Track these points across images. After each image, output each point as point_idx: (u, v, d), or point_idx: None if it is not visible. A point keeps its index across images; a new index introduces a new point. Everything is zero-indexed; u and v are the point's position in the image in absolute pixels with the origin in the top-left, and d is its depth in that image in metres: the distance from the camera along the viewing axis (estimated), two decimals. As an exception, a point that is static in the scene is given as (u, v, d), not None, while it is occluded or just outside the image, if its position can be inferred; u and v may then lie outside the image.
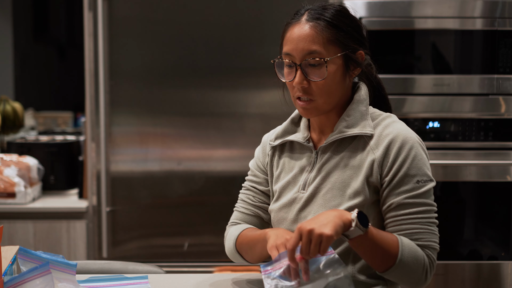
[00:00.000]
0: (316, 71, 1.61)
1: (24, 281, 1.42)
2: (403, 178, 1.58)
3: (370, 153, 1.61)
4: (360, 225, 1.45)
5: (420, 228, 1.57)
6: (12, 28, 6.25)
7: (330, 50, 1.61)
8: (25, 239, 3.05)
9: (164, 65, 3.08)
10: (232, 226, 1.81)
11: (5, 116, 3.62)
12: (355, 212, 1.45)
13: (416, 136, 1.62)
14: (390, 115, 1.69)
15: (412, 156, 1.58)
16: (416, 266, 1.54)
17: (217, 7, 3.05)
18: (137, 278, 1.78)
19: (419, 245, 1.56)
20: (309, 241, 1.42)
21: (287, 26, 1.67)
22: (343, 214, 1.46)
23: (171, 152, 3.10)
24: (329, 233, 1.40)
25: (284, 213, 1.70)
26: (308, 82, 1.61)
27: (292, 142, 1.75)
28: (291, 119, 1.78)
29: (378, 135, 1.62)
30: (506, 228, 2.89)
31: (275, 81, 1.75)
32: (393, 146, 1.59)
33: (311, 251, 1.42)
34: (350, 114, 1.66)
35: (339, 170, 1.63)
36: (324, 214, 1.46)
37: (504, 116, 2.86)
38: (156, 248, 3.12)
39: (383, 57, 1.79)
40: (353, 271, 1.61)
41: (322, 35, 1.60)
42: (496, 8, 2.83)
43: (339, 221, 1.44)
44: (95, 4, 3.02)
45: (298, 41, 1.62)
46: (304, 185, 1.67)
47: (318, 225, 1.42)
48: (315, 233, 1.41)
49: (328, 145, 1.67)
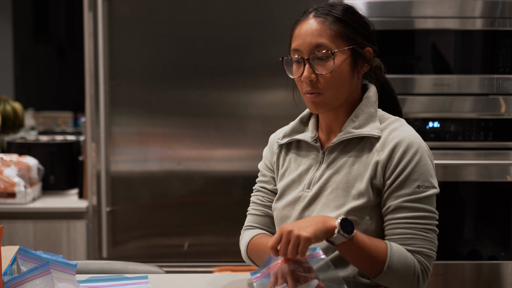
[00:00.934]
0: (324, 64, 1.62)
1: (24, 281, 1.42)
2: (404, 181, 1.57)
3: (375, 155, 1.61)
4: (343, 233, 1.46)
5: (414, 234, 1.56)
6: (12, 28, 6.25)
7: (337, 43, 1.62)
8: (25, 239, 3.05)
9: (164, 65, 3.08)
10: (246, 231, 1.82)
11: (5, 116, 3.62)
12: (339, 219, 1.46)
13: (423, 143, 1.62)
14: (398, 119, 1.69)
15: (416, 160, 1.58)
16: (406, 272, 1.53)
17: (217, 7, 3.05)
18: (137, 278, 1.78)
19: (411, 251, 1.55)
20: (287, 242, 1.44)
21: (296, 23, 1.68)
22: (327, 220, 1.47)
23: (171, 152, 3.10)
24: (307, 235, 1.42)
25: (287, 211, 1.70)
26: (316, 76, 1.62)
27: (299, 141, 1.76)
28: (300, 119, 1.79)
29: (385, 137, 1.62)
30: (506, 228, 2.89)
31: (277, 81, 1.75)
32: (398, 149, 1.59)
33: (289, 251, 1.43)
34: (358, 115, 1.66)
35: (344, 171, 1.63)
36: (308, 218, 1.49)
37: (504, 116, 2.86)
38: (156, 248, 3.12)
39: (383, 57, 1.78)
40: (354, 273, 1.61)
41: (330, 29, 1.62)
42: (496, 8, 2.83)
43: (322, 227, 1.45)
44: (95, 4, 3.02)
45: (305, 36, 1.63)
46: (310, 184, 1.68)
47: (298, 227, 1.44)
48: (294, 234, 1.43)
49: (335, 145, 1.67)
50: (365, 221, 1.59)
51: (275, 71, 1.72)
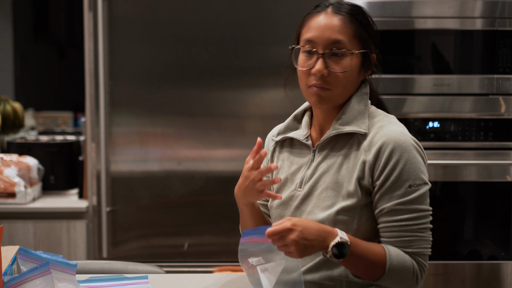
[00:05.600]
0: (339, 61, 1.62)
1: (24, 281, 1.42)
2: (395, 183, 1.57)
3: (363, 154, 1.61)
4: (334, 258, 1.49)
5: (411, 236, 1.56)
6: (12, 28, 6.25)
7: (354, 44, 1.63)
8: (25, 239, 3.05)
9: (164, 65, 3.08)
10: None
11: (5, 116, 3.62)
12: (332, 245, 1.48)
13: (410, 139, 1.61)
14: (387, 115, 1.69)
15: (404, 160, 1.57)
16: (405, 274, 1.55)
17: (217, 7, 3.05)
18: (137, 278, 1.78)
19: (410, 253, 1.57)
20: (283, 243, 1.46)
21: (309, 15, 1.67)
22: (326, 240, 1.49)
23: (171, 152, 3.10)
24: (298, 257, 1.47)
25: (281, 210, 1.71)
26: (328, 72, 1.61)
27: (292, 139, 1.76)
28: (294, 116, 1.79)
29: (372, 136, 1.62)
30: (506, 228, 2.89)
31: (278, 81, 1.75)
32: (384, 150, 1.58)
33: (277, 247, 1.48)
34: (345, 112, 1.66)
35: (334, 170, 1.63)
36: (314, 233, 1.48)
37: (504, 116, 2.86)
38: (156, 248, 3.12)
39: (383, 57, 1.78)
40: (346, 272, 1.61)
41: (350, 28, 1.62)
42: (496, 8, 2.83)
43: (318, 249, 1.49)
44: (95, 4, 3.01)
45: (324, 29, 1.62)
46: (301, 183, 1.68)
47: (301, 243, 1.46)
48: (292, 247, 1.46)
49: (325, 144, 1.67)
50: (355, 221, 1.59)
51: (275, 71, 1.72)
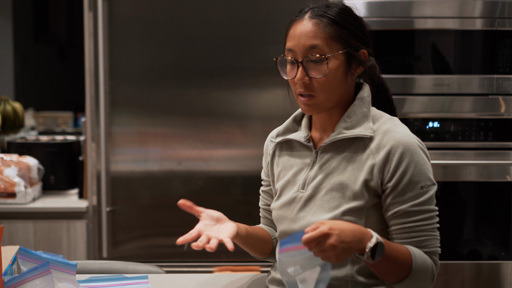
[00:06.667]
0: (317, 67, 1.61)
1: (24, 281, 1.42)
2: (408, 185, 1.58)
3: (371, 157, 1.61)
4: (370, 259, 1.47)
5: (426, 236, 1.59)
6: (12, 28, 6.25)
7: (332, 46, 1.61)
8: (25, 239, 3.05)
9: (164, 65, 3.08)
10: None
11: (5, 116, 3.62)
12: (370, 246, 1.46)
13: (416, 140, 1.62)
14: (391, 118, 1.68)
15: (415, 162, 1.58)
16: (426, 274, 1.57)
17: (217, 7, 3.05)
18: (137, 278, 1.78)
19: (426, 252, 1.59)
20: (321, 249, 1.40)
21: (291, 23, 1.68)
22: (363, 241, 1.46)
23: (171, 152, 3.10)
24: (336, 261, 1.41)
25: (283, 212, 1.71)
26: (309, 78, 1.62)
27: (292, 140, 1.76)
28: (293, 117, 1.79)
29: (380, 139, 1.61)
30: (506, 228, 2.89)
31: (278, 81, 1.75)
32: (394, 152, 1.59)
33: (314, 253, 1.41)
34: (350, 115, 1.65)
35: (339, 172, 1.63)
36: (352, 235, 1.44)
37: (504, 116, 2.86)
38: (156, 248, 3.12)
39: (383, 57, 1.78)
40: (351, 272, 1.61)
41: (324, 31, 1.61)
42: (496, 8, 2.83)
43: (355, 251, 1.46)
44: (95, 4, 3.01)
45: (300, 37, 1.62)
46: (304, 184, 1.68)
47: (340, 246, 1.40)
48: (330, 253, 1.40)
49: (329, 145, 1.67)
50: (362, 222, 1.59)
51: (275, 71, 1.72)
